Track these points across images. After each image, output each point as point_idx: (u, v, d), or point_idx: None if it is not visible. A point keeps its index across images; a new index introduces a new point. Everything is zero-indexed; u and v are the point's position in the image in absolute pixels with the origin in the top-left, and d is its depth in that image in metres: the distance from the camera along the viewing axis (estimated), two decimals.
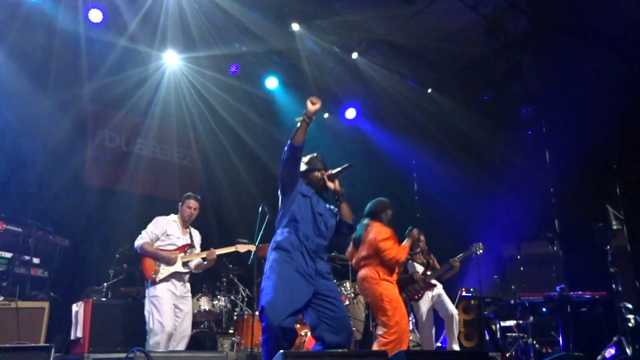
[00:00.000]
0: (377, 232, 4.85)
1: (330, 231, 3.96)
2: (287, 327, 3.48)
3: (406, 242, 5.12)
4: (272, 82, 8.29)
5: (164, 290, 4.95)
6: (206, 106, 8.49)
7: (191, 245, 5.23)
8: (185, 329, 5.07)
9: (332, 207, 4.07)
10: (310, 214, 3.87)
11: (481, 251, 6.23)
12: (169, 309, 4.92)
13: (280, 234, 3.84)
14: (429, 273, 6.11)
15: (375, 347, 4.65)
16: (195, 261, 5.24)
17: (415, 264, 6.21)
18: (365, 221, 5.03)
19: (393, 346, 4.41)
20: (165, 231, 5.15)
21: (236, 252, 5.55)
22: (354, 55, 8.15)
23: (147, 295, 5.02)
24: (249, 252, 5.37)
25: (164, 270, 4.98)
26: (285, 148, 3.81)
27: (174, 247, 5.14)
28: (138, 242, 5.09)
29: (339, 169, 4.03)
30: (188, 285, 5.21)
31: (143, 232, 5.15)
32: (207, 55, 7.67)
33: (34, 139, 6.84)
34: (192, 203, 5.29)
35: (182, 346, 5.04)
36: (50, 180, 6.84)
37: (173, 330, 4.92)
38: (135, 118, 8.17)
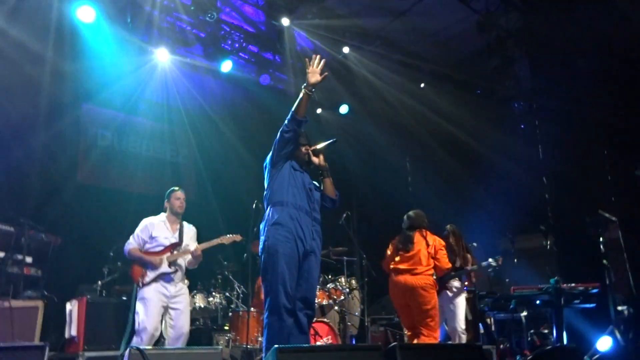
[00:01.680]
0: (437, 240, 5.36)
1: (319, 205, 4.05)
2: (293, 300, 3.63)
3: None
4: (263, 78, 8.27)
5: (152, 292, 4.92)
6: (200, 104, 8.46)
7: (178, 244, 5.16)
8: (182, 326, 4.97)
9: (314, 182, 4.15)
10: (303, 187, 3.94)
11: (500, 264, 6.18)
12: (156, 311, 4.88)
13: (275, 210, 3.84)
14: (452, 273, 6.02)
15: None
16: (187, 258, 5.18)
17: None
18: (412, 232, 5.43)
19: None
20: (151, 234, 5.13)
21: (223, 246, 5.46)
22: (345, 49, 8.14)
23: (137, 297, 5.01)
24: (243, 247, 5.35)
25: (151, 274, 4.97)
26: (286, 121, 3.81)
27: (162, 248, 5.10)
28: (126, 248, 5.13)
29: (324, 143, 4.10)
30: (180, 283, 5.11)
31: (131, 237, 5.16)
32: (199, 53, 7.64)
33: (26, 138, 6.80)
34: (179, 194, 5.28)
35: (179, 345, 4.93)
36: (43, 178, 6.81)
37: (156, 332, 4.88)
38: (128, 116, 8.14)
